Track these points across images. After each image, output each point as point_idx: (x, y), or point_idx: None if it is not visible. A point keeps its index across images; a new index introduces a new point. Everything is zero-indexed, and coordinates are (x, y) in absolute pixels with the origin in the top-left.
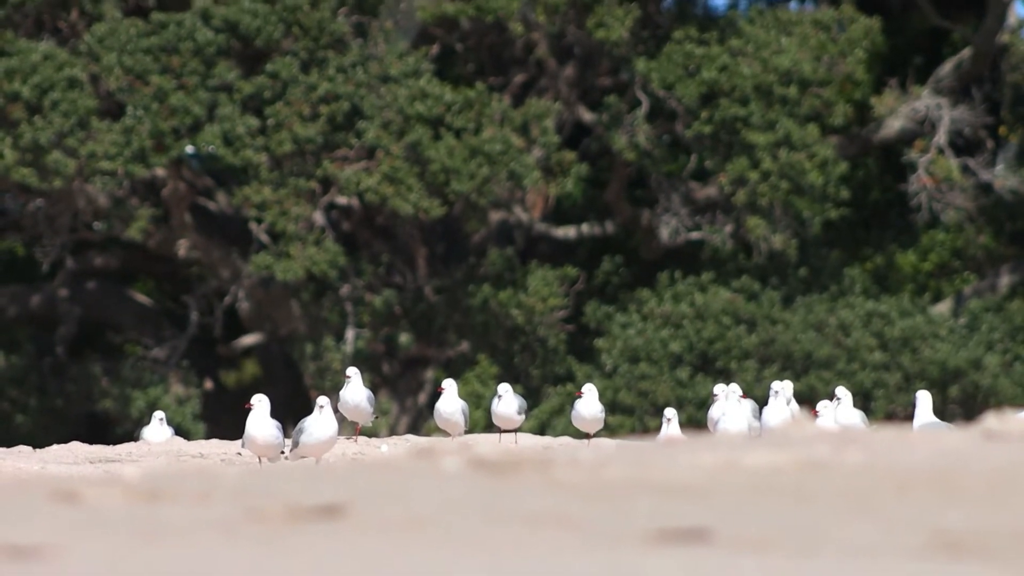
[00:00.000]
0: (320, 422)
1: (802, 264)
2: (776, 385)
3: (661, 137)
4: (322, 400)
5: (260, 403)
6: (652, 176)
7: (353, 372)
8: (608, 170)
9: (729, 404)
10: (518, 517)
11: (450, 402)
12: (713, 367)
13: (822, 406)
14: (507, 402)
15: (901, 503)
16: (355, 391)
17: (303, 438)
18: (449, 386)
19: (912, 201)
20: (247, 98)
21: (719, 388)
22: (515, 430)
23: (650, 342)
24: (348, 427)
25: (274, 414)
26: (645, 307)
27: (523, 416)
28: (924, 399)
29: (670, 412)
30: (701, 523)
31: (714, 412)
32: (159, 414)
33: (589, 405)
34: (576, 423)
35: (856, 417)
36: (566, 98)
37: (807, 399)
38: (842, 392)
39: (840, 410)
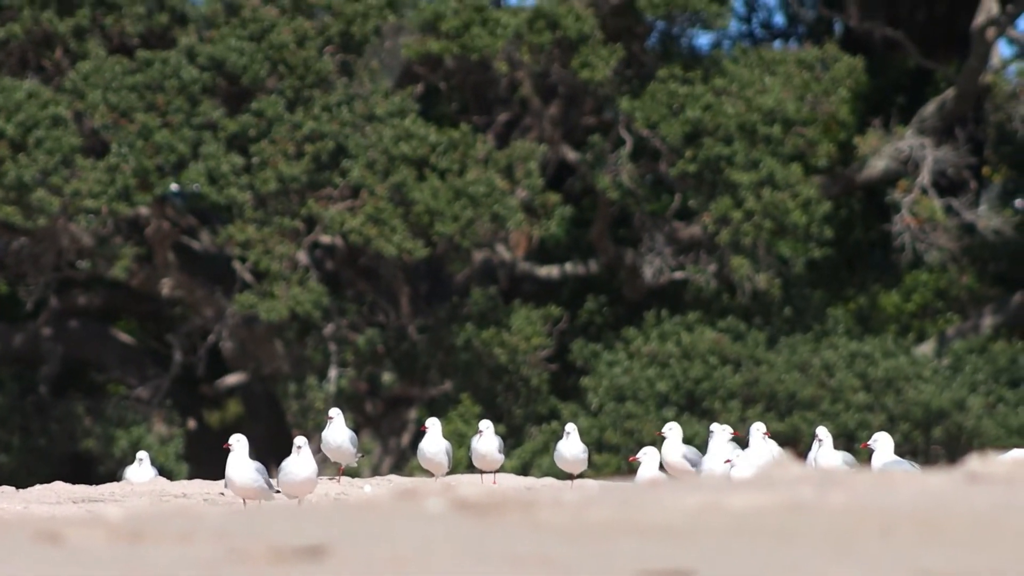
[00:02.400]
0: (298, 462)
1: (786, 304)
2: (756, 427)
3: (645, 176)
4: (299, 440)
5: (238, 443)
6: (636, 215)
7: (335, 413)
8: (592, 209)
9: (716, 443)
10: (502, 558)
11: (434, 442)
12: (699, 407)
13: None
14: (487, 439)
15: (884, 545)
16: (337, 432)
17: (281, 478)
18: (432, 425)
19: (895, 241)
20: (232, 136)
21: (716, 427)
22: (495, 470)
23: (636, 381)
24: (331, 467)
25: (257, 454)
26: (631, 346)
27: (503, 456)
28: (884, 439)
29: (647, 451)
30: (685, 565)
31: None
32: (142, 454)
33: (571, 445)
34: (559, 463)
35: (838, 458)
36: (550, 137)
37: (791, 440)
38: (823, 433)
39: (822, 451)
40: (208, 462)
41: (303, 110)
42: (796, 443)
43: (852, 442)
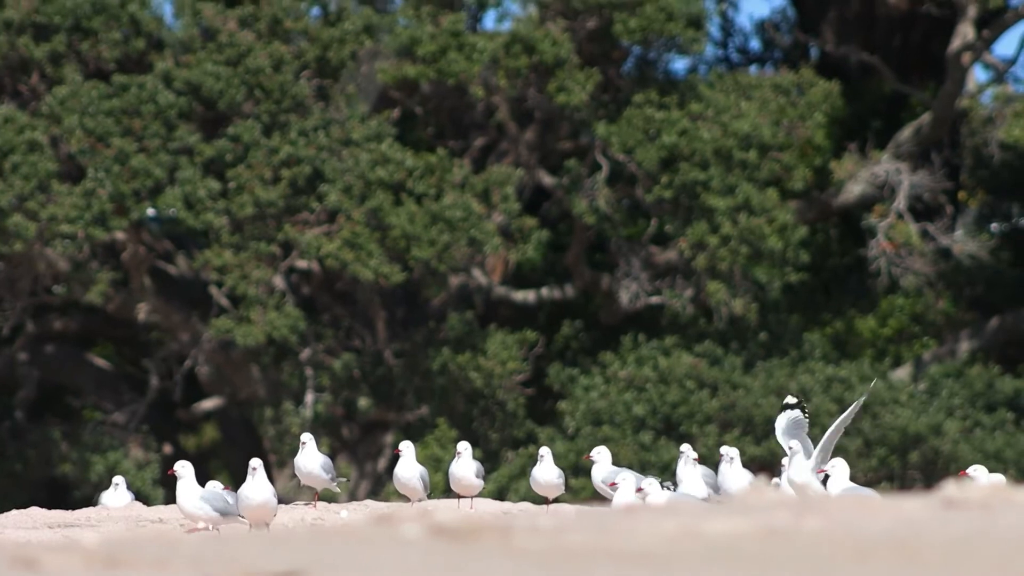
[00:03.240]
0: (253, 486)
1: (762, 329)
2: (726, 450)
3: (621, 201)
4: (254, 463)
5: (184, 469)
6: (612, 240)
7: (307, 438)
8: (568, 234)
9: (687, 468)
10: None
11: (408, 467)
12: (676, 431)
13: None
14: (464, 463)
15: (860, 570)
16: (309, 457)
17: (239, 504)
18: (406, 449)
19: (871, 266)
20: (208, 161)
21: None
22: (474, 495)
23: (613, 405)
24: (309, 492)
25: (234, 479)
26: (608, 370)
27: (482, 481)
28: (840, 466)
29: (623, 475)
30: None
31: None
32: (118, 479)
33: (546, 470)
34: (534, 488)
35: (746, 478)
36: (526, 162)
37: (768, 464)
38: (731, 452)
39: (732, 471)
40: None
41: (280, 135)
42: (773, 467)
43: None
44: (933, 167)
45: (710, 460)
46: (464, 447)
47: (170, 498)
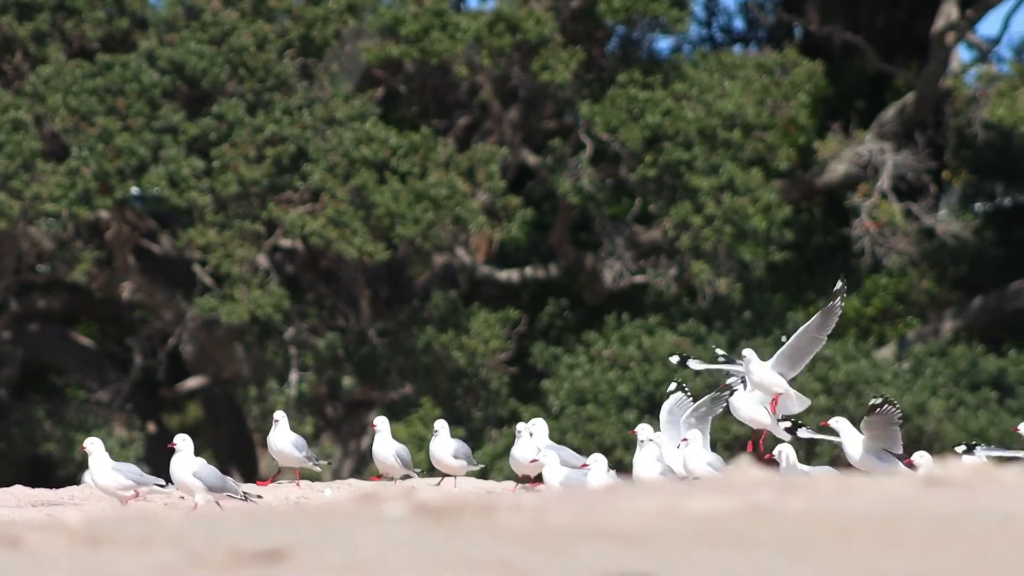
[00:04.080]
0: (176, 462)
1: (746, 308)
2: (689, 434)
3: (605, 180)
4: (179, 438)
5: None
6: (596, 219)
7: (279, 416)
8: (552, 213)
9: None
10: (461, 563)
11: (383, 444)
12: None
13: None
14: (441, 442)
15: (843, 549)
16: (280, 436)
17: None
18: (382, 425)
19: (855, 245)
20: (192, 140)
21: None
22: (457, 475)
23: (597, 384)
24: (289, 472)
25: (218, 457)
26: (592, 349)
27: (463, 462)
28: (787, 451)
29: (594, 458)
30: (644, 569)
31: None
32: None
33: (523, 448)
34: (513, 466)
35: (704, 460)
36: (510, 141)
37: (752, 442)
38: (646, 433)
39: (689, 453)
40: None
41: (263, 113)
42: (757, 446)
43: (812, 445)
44: (917, 147)
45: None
46: (441, 426)
47: (154, 476)
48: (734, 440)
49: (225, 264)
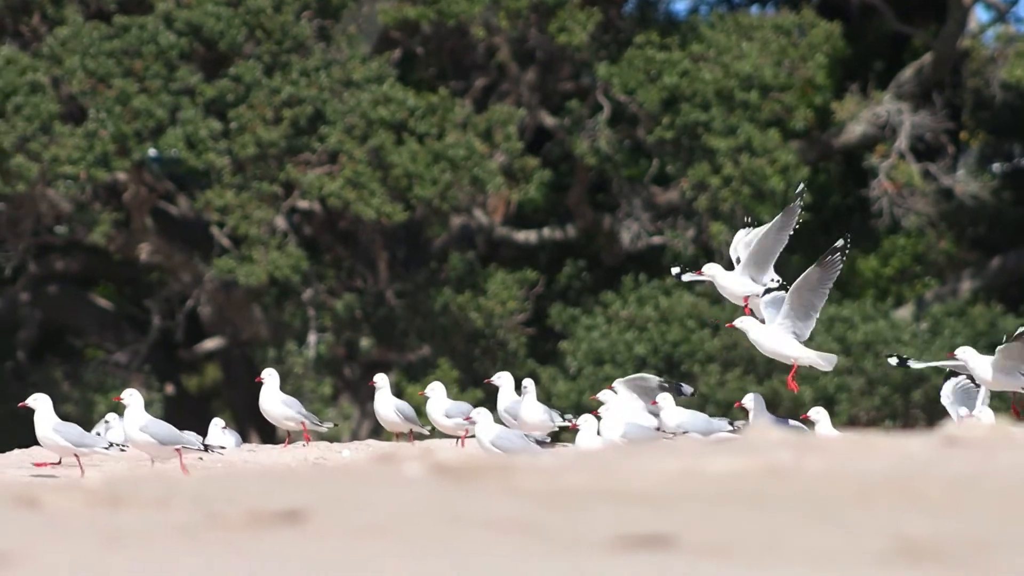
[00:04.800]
0: (125, 417)
1: None
2: (526, 383)
3: (623, 142)
4: (126, 393)
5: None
6: (613, 181)
7: (267, 374)
8: (570, 174)
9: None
10: (479, 523)
11: (383, 401)
12: (678, 370)
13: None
14: (434, 403)
15: (862, 509)
16: (268, 396)
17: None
18: (381, 382)
19: (873, 206)
20: (210, 101)
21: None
22: (463, 435)
23: (614, 345)
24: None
25: (235, 418)
26: (609, 310)
27: (455, 420)
28: (757, 400)
29: (583, 419)
30: (662, 530)
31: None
32: (110, 416)
33: (530, 407)
34: (520, 427)
35: (619, 429)
36: (527, 102)
37: (770, 405)
38: (528, 384)
39: (604, 419)
40: (187, 427)
41: (281, 75)
42: (775, 407)
43: (833, 405)
44: (935, 107)
45: (711, 398)
46: (432, 388)
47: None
48: None
49: (243, 226)
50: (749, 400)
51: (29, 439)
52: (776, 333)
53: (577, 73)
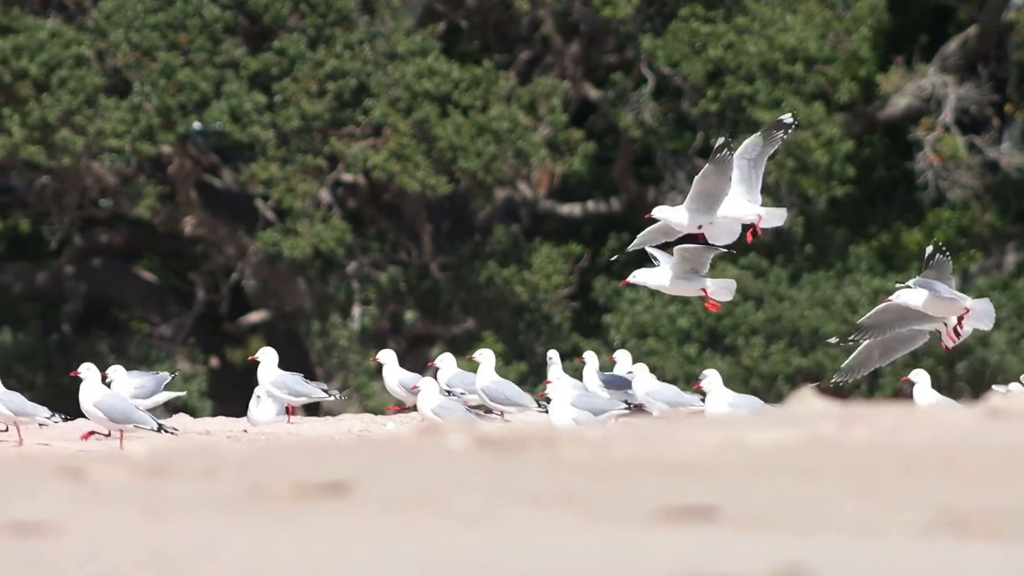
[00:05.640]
0: (81, 391)
1: (808, 242)
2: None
3: (667, 115)
4: (83, 367)
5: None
6: (658, 153)
7: (262, 353)
8: (614, 147)
9: (559, 384)
10: (523, 495)
11: (388, 374)
12: (721, 343)
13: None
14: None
15: (906, 481)
16: (265, 372)
17: None
18: (384, 357)
19: (918, 179)
20: (254, 75)
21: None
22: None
23: (658, 318)
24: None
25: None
26: None
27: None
28: (712, 377)
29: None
30: (706, 501)
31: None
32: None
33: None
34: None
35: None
36: (572, 75)
37: (815, 375)
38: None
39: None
40: (231, 399)
41: (325, 48)
42: (820, 379)
43: (877, 378)
44: (979, 80)
45: (755, 371)
46: (442, 359)
47: (217, 411)
48: (795, 372)
49: (287, 198)
50: (708, 380)
51: (74, 412)
52: (664, 273)
53: (621, 46)
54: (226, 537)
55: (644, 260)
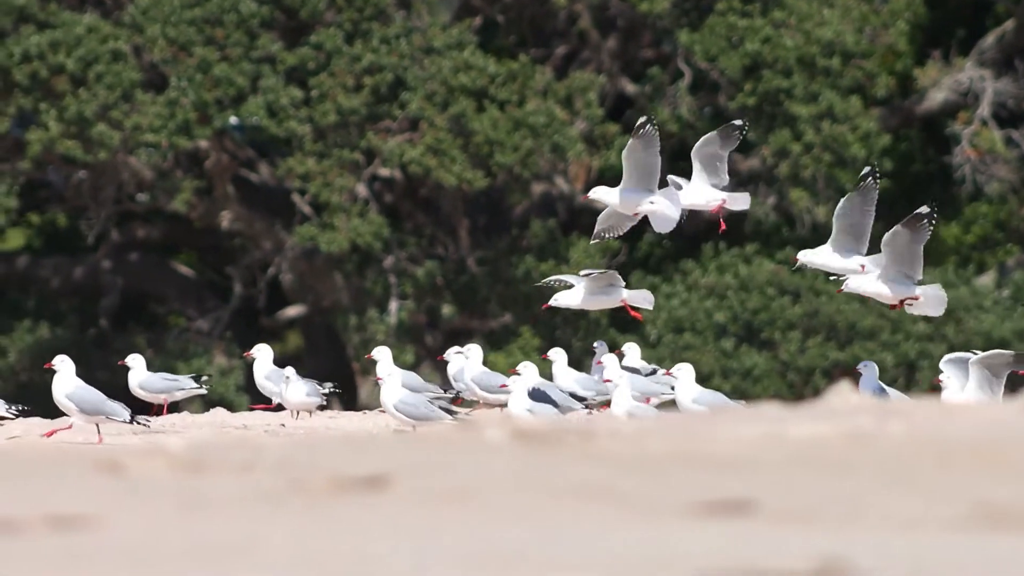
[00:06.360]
0: (54, 382)
1: None
2: (257, 348)
3: (704, 109)
4: (57, 359)
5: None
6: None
7: (257, 350)
8: None
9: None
10: (561, 488)
11: (258, 371)
12: (757, 338)
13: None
14: (258, 366)
15: (943, 475)
16: (259, 368)
17: None
18: (379, 354)
19: (955, 173)
20: (291, 69)
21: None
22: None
23: (695, 313)
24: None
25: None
26: (689, 278)
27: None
28: (686, 370)
29: (288, 370)
30: (744, 495)
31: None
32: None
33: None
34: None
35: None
36: (608, 70)
37: (852, 369)
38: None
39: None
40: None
41: (362, 43)
42: (857, 374)
43: (913, 372)
44: (1017, 74)
45: (792, 365)
46: (378, 353)
47: (254, 404)
48: (832, 366)
49: (324, 193)
50: (681, 370)
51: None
52: (579, 292)
53: (658, 40)
54: (265, 531)
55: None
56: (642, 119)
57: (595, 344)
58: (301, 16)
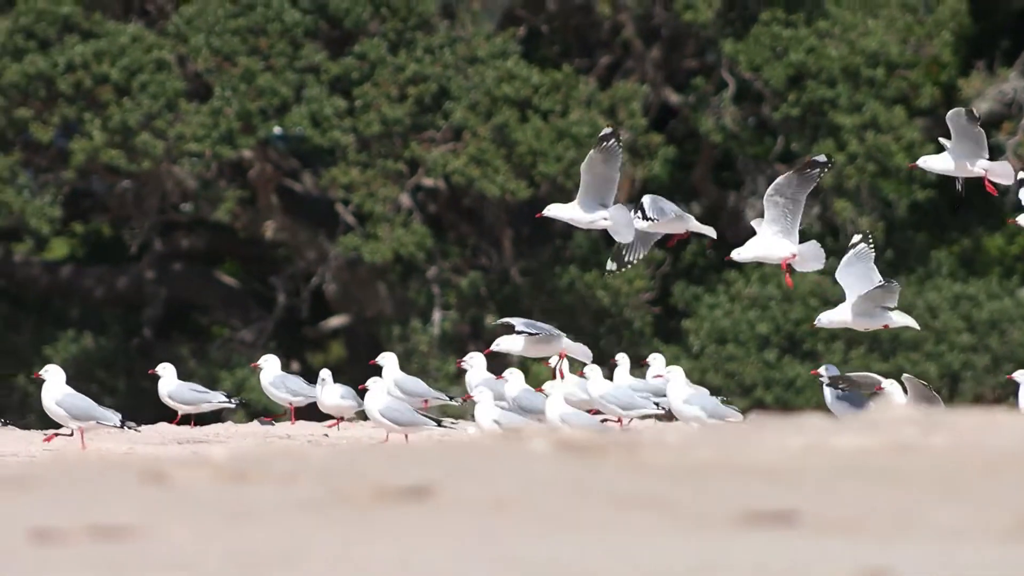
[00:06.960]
0: (43, 390)
1: (888, 247)
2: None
3: (748, 119)
4: (47, 368)
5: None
6: (739, 158)
7: (264, 360)
8: (694, 152)
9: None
10: (605, 498)
11: (265, 378)
12: (800, 349)
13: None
14: (265, 374)
15: (988, 485)
16: (265, 375)
17: None
18: (383, 360)
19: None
20: (335, 79)
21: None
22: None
23: (737, 323)
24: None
25: (361, 394)
26: (732, 288)
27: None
28: (676, 373)
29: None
30: (789, 505)
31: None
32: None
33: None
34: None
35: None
36: (652, 80)
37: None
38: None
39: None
40: (312, 404)
41: (405, 53)
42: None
43: (956, 383)
44: None
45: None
46: (383, 359)
47: (298, 415)
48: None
49: (368, 203)
50: (671, 372)
51: (155, 416)
52: (518, 340)
53: (702, 50)
54: (308, 541)
55: None
56: (606, 131)
57: (617, 358)
58: (345, 26)
